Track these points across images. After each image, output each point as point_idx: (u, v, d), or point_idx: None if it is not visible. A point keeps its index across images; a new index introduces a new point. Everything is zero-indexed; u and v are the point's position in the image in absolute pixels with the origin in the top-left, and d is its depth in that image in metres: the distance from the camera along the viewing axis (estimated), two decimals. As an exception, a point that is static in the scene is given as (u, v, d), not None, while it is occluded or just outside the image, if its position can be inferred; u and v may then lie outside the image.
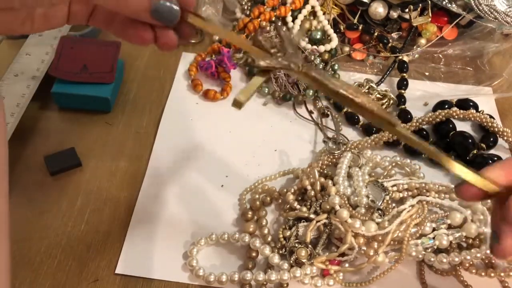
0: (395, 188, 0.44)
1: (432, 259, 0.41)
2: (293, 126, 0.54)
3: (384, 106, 0.55)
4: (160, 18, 0.31)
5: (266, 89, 0.56)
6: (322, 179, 0.45)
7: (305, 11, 0.61)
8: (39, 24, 0.35)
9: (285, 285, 0.40)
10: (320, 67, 0.57)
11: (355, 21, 0.62)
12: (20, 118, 0.50)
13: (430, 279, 0.42)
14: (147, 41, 0.34)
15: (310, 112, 0.55)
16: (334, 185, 0.44)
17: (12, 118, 0.49)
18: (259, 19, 0.59)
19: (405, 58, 0.60)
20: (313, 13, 0.63)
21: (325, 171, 0.47)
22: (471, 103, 0.55)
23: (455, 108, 0.52)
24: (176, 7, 0.31)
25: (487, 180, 0.30)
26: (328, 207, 0.42)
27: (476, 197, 0.31)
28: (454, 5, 0.59)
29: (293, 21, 0.61)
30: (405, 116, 0.54)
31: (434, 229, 0.42)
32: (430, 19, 0.60)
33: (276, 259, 0.40)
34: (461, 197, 0.31)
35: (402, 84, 0.57)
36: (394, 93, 0.57)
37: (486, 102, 0.57)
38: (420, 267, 0.42)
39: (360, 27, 0.61)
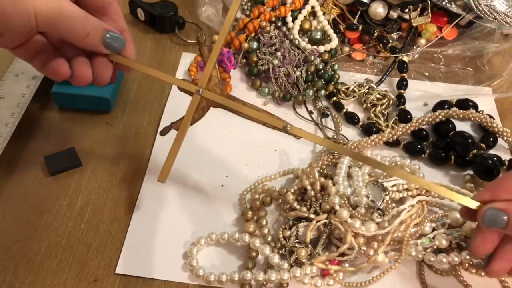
0: (395, 188, 0.44)
1: (432, 259, 0.41)
2: (293, 126, 0.54)
3: (384, 106, 0.55)
4: (110, 46, 0.38)
5: (266, 89, 0.56)
6: (322, 179, 0.45)
7: (305, 11, 0.61)
8: None
9: (285, 285, 0.40)
10: (320, 67, 0.57)
11: (355, 21, 0.62)
12: (20, 118, 0.50)
13: (430, 279, 0.42)
14: (64, 74, 0.38)
15: (310, 112, 0.55)
16: (334, 185, 0.44)
17: (12, 118, 0.49)
18: (259, 19, 0.59)
19: (405, 58, 0.60)
20: (313, 13, 0.63)
21: (325, 171, 0.47)
22: (471, 103, 0.55)
23: (455, 108, 0.52)
24: (123, 38, 0.38)
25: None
26: (328, 207, 0.42)
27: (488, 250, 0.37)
28: (453, 5, 0.59)
29: (293, 21, 0.61)
30: (405, 116, 0.54)
31: (434, 229, 0.42)
32: (430, 19, 0.60)
33: (276, 259, 0.40)
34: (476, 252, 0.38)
35: (402, 84, 0.57)
36: (394, 93, 0.57)
37: (486, 102, 0.57)
38: (420, 267, 0.42)
39: (360, 27, 0.61)
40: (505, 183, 0.37)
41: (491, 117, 0.52)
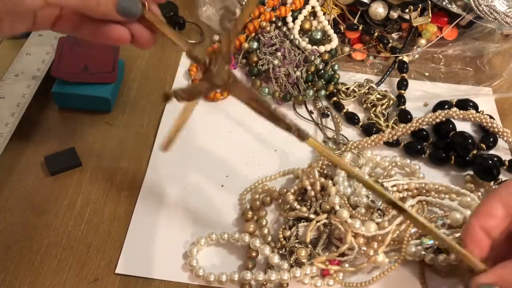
0: (395, 188, 0.44)
1: (429, 258, 0.41)
2: (293, 126, 0.54)
3: (384, 106, 0.55)
4: (125, 12, 0.34)
5: (266, 90, 0.56)
6: (322, 179, 0.45)
7: (305, 12, 0.61)
8: (5, 31, 0.35)
9: (285, 285, 0.40)
10: (320, 67, 0.57)
11: (355, 21, 0.62)
12: (20, 118, 0.50)
13: (430, 279, 0.42)
14: (124, 39, 0.36)
15: (310, 112, 0.55)
16: (334, 185, 0.44)
17: (12, 118, 0.49)
18: (259, 19, 0.59)
19: (405, 59, 0.60)
20: (313, 14, 0.63)
21: (325, 171, 0.47)
22: (471, 104, 0.55)
23: (455, 109, 0.52)
24: (138, 2, 0.34)
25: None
26: (328, 207, 0.42)
27: None
28: (454, 6, 0.59)
29: (293, 21, 0.61)
30: (405, 117, 0.54)
31: (434, 229, 0.42)
32: (430, 20, 0.60)
33: (276, 259, 0.40)
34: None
35: (402, 85, 0.57)
36: (394, 94, 0.57)
37: (486, 102, 0.57)
38: (420, 267, 0.42)
39: (360, 28, 0.61)
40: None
41: (491, 117, 0.52)
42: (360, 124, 0.54)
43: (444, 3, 0.58)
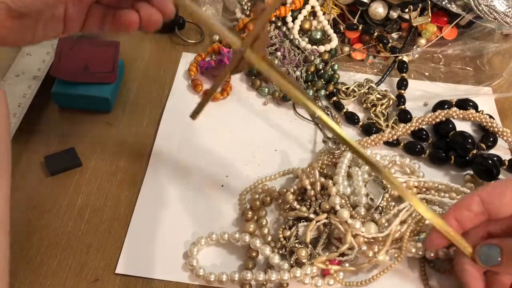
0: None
1: (432, 255, 0.41)
2: (293, 126, 0.54)
3: (384, 106, 0.55)
4: None
5: (266, 89, 0.56)
6: (322, 179, 0.45)
7: (305, 11, 0.61)
8: (39, 35, 0.39)
9: (285, 285, 0.40)
10: (320, 67, 0.57)
11: (355, 21, 0.62)
12: (22, 118, 0.50)
13: (432, 276, 0.42)
14: (135, 23, 0.39)
15: (310, 112, 0.55)
16: (334, 184, 0.44)
17: (14, 119, 0.49)
18: (259, 19, 0.59)
19: (405, 58, 0.60)
20: (313, 13, 0.63)
21: (325, 171, 0.47)
22: (471, 103, 0.55)
23: (454, 108, 0.52)
24: None
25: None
26: (327, 207, 0.42)
27: (440, 246, 0.39)
28: (453, 5, 0.59)
29: (293, 21, 0.61)
30: (405, 116, 0.54)
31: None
32: (430, 19, 0.60)
33: (276, 259, 0.40)
34: (426, 246, 0.40)
35: (402, 84, 0.57)
36: (394, 93, 0.57)
37: (486, 102, 0.57)
38: (421, 264, 0.42)
39: (360, 27, 0.61)
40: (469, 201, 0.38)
41: (491, 117, 0.52)
42: (360, 124, 0.54)
43: (443, 2, 0.58)
